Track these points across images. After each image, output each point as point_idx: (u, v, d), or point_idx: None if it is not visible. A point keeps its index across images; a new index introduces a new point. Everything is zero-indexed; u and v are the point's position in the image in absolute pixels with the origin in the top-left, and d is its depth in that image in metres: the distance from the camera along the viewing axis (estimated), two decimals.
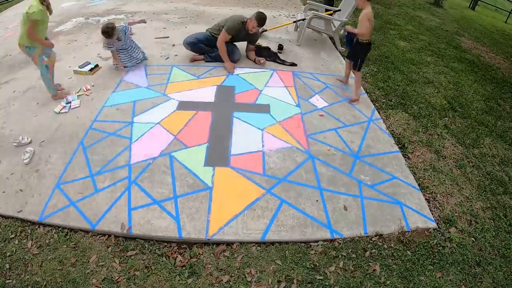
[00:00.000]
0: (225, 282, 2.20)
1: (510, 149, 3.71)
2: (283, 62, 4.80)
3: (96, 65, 4.45)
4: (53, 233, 2.47)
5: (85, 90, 3.95)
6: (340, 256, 2.39)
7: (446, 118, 4.05)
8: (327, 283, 2.22)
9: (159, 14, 6.62)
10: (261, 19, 4.26)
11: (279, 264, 2.32)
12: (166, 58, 4.74)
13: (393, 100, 4.23)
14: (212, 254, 2.36)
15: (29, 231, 2.48)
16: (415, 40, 6.59)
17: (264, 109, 3.77)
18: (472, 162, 3.41)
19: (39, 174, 2.87)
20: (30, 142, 3.19)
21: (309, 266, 2.32)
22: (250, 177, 2.90)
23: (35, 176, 2.85)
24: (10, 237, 2.43)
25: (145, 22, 4.65)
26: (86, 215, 2.53)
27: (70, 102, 3.72)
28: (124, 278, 2.20)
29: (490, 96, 4.80)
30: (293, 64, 4.79)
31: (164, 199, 2.67)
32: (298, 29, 5.83)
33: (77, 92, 3.92)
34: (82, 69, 4.33)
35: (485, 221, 2.79)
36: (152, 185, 2.78)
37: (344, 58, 5.18)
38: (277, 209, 2.65)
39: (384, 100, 4.21)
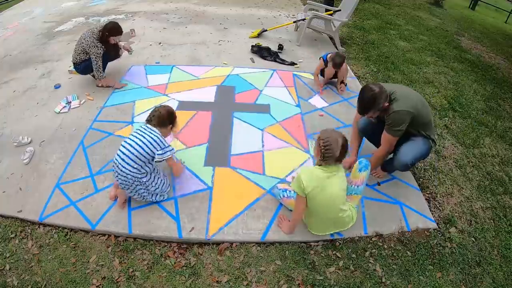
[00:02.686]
0: (225, 282, 2.20)
1: (510, 149, 3.71)
2: (283, 62, 4.81)
3: None
4: (53, 233, 2.47)
5: (87, 95, 3.92)
6: (340, 256, 2.39)
7: (446, 118, 4.05)
8: (327, 283, 2.22)
9: (159, 14, 6.62)
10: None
11: (279, 264, 2.32)
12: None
13: None
14: (212, 254, 2.36)
15: (29, 231, 2.48)
16: (415, 40, 6.58)
17: (264, 109, 3.77)
18: (472, 162, 3.41)
19: (39, 174, 2.87)
20: (30, 142, 3.19)
21: (309, 266, 2.32)
22: (250, 177, 2.90)
23: (35, 176, 2.85)
24: (10, 237, 2.43)
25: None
26: (86, 215, 2.53)
27: (70, 102, 3.72)
28: (124, 278, 2.20)
29: (490, 96, 4.80)
30: (293, 64, 4.79)
31: (164, 199, 2.67)
32: (298, 29, 5.83)
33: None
34: None
35: (485, 221, 2.79)
36: None
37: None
38: (277, 209, 2.64)
39: None
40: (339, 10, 5.47)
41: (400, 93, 2.43)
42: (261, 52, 4.97)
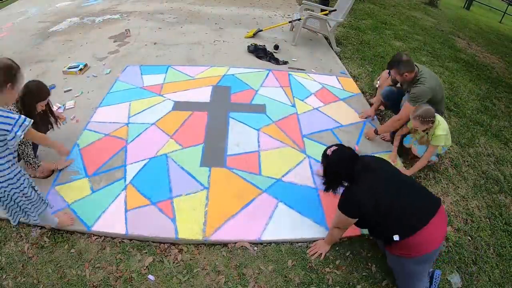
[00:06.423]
0: (223, 283, 2.20)
1: (505, 148, 3.74)
2: (277, 62, 4.80)
3: (85, 65, 4.44)
4: (49, 235, 2.44)
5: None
6: (336, 256, 2.39)
7: None
8: (324, 283, 2.22)
9: (154, 14, 6.60)
10: None
11: (276, 265, 2.32)
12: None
13: None
14: (209, 255, 2.35)
15: (25, 233, 2.45)
16: (410, 40, 6.61)
17: (260, 109, 3.76)
18: (467, 161, 3.43)
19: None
20: None
21: (306, 266, 2.32)
22: (247, 178, 2.90)
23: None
24: (6, 239, 2.41)
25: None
26: (82, 217, 2.51)
27: (65, 104, 3.69)
28: (121, 280, 2.19)
29: (485, 96, 4.83)
30: (285, 62, 4.80)
31: (160, 200, 2.66)
32: (293, 29, 5.84)
33: (77, 95, 3.89)
34: (72, 70, 4.31)
35: (480, 220, 2.80)
36: (148, 186, 2.77)
37: (339, 58, 5.20)
38: (274, 209, 2.64)
39: None
40: (335, 10, 5.49)
41: (426, 73, 2.96)
42: (257, 52, 4.97)
